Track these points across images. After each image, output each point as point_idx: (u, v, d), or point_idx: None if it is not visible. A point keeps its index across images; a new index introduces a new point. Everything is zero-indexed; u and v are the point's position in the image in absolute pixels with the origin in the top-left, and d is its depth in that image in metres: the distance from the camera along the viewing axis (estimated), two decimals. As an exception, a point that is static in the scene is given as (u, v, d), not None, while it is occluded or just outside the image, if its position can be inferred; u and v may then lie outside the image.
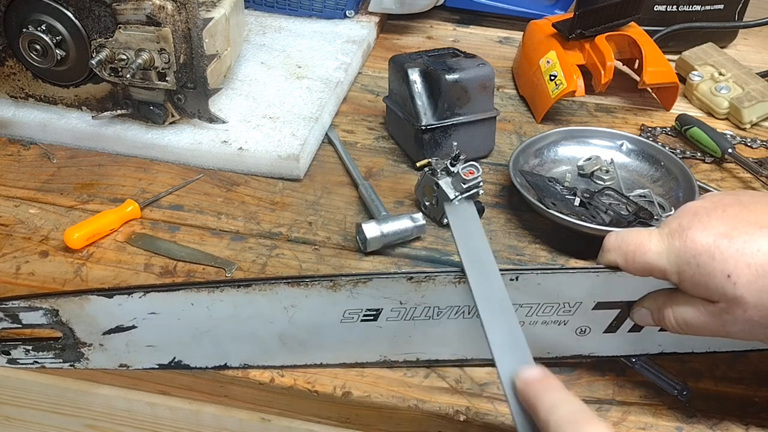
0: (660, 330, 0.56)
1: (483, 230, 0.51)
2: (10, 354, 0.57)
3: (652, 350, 0.59)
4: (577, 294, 0.55)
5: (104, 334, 0.55)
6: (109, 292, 0.53)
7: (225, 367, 0.57)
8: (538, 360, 0.59)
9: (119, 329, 0.54)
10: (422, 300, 0.55)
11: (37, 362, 0.57)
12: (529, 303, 0.55)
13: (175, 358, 0.56)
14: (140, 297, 0.53)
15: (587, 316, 0.56)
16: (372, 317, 0.55)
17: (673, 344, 0.59)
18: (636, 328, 0.57)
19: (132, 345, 0.55)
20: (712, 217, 0.49)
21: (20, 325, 0.54)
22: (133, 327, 0.54)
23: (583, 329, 0.57)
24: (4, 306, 0.53)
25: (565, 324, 0.57)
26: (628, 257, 0.52)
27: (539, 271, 0.54)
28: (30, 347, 0.56)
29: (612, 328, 0.57)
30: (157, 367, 0.57)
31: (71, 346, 0.56)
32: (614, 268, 0.53)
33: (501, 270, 0.54)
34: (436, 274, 0.53)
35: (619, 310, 0.56)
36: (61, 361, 0.57)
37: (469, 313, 0.55)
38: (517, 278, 0.54)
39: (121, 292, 0.53)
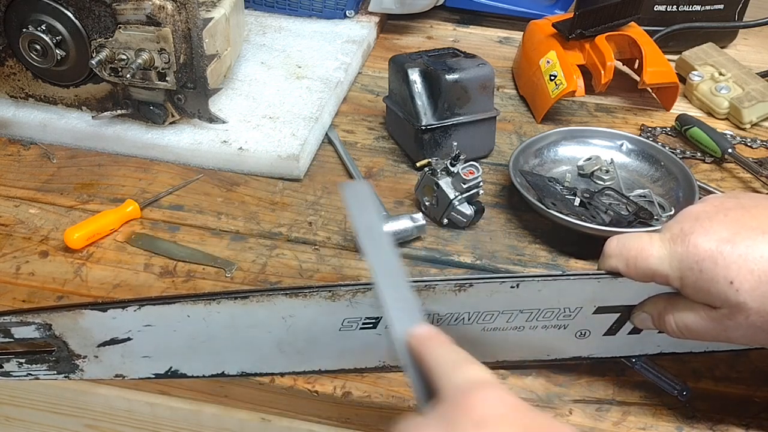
0: (659, 332, 0.56)
1: (377, 206, 0.52)
2: (2, 367, 0.55)
3: (650, 350, 0.59)
4: (577, 300, 0.55)
5: (99, 346, 0.54)
6: (103, 306, 0.52)
7: (222, 375, 0.56)
8: (537, 362, 0.60)
9: (114, 341, 0.53)
10: (422, 307, 0.54)
11: (30, 374, 0.56)
12: (530, 309, 0.55)
13: (171, 367, 0.56)
14: (135, 310, 0.52)
15: (587, 320, 0.56)
16: (371, 325, 0.54)
17: (672, 344, 0.58)
18: (636, 330, 0.57)
19: (127, 356, 0.54)
20: (714, 222, 0.49)
21: (12, 340, 0.53)
22: (129, 339, 0.53)
23: (583, 332, 0.57)
24: None
25: (565, 328, 0.57)
26: (630, 263, 0.51)
27: (540, 278, 0.53)
28: (23, 360, 0.55)
29: (612, 331, 0.57)
30: (154, 376, 0.56)
31: (65, 359, 0.55)
32: (615, 273, 0.53)
33: (502, 276, 0.54)
34: (436, 283, 0.53)
35: (619, 314, 0.56)
36: (56, 372, 0.56)
37: (469, 320, 0.55)
38: (518, 285, 0.53)
39: (115, 306, 0.52)
